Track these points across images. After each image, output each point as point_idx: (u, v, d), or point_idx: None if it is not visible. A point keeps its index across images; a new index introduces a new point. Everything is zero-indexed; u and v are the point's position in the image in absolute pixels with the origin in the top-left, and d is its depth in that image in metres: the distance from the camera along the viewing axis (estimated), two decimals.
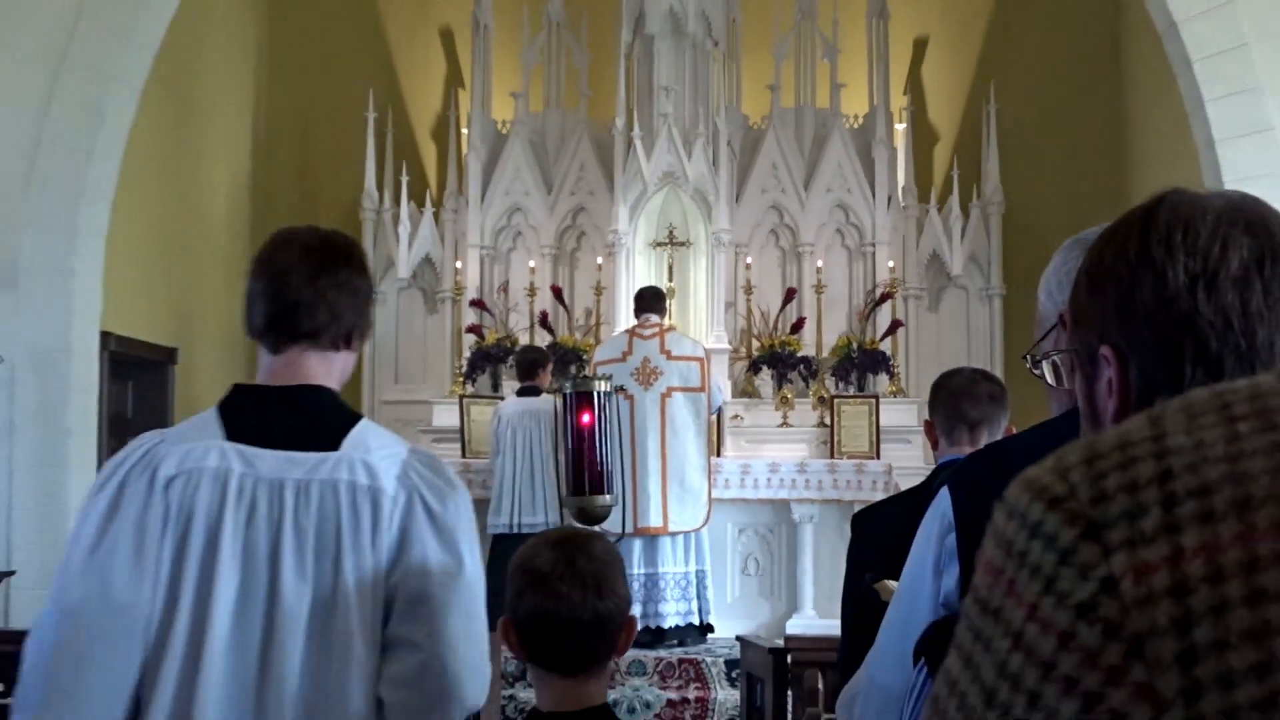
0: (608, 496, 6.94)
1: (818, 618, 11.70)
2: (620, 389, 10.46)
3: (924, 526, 2.57)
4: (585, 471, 7.04)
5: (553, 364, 12.57)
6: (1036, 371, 2.53)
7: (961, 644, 0.88)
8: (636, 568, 10.83)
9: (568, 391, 8.26)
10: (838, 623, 8.64)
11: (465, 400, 13.27)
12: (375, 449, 3.29)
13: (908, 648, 2.50)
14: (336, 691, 3.14)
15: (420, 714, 3.23)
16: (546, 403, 11.67)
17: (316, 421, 3.33)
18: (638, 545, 10.97)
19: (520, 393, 12.00)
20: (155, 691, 3.10)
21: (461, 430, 13.05)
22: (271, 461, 3.23)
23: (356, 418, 3.37)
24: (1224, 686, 0.74)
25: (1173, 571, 0.79)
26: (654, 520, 11.06)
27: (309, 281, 3.33)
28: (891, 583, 3.54)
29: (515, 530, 11.38)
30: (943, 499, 2.54)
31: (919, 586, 2.56)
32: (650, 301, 11.67)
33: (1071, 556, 0.83)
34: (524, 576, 3.37)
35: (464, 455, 12.80)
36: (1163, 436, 0.84)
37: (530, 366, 12.02)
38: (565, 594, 3.31)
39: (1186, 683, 0.76)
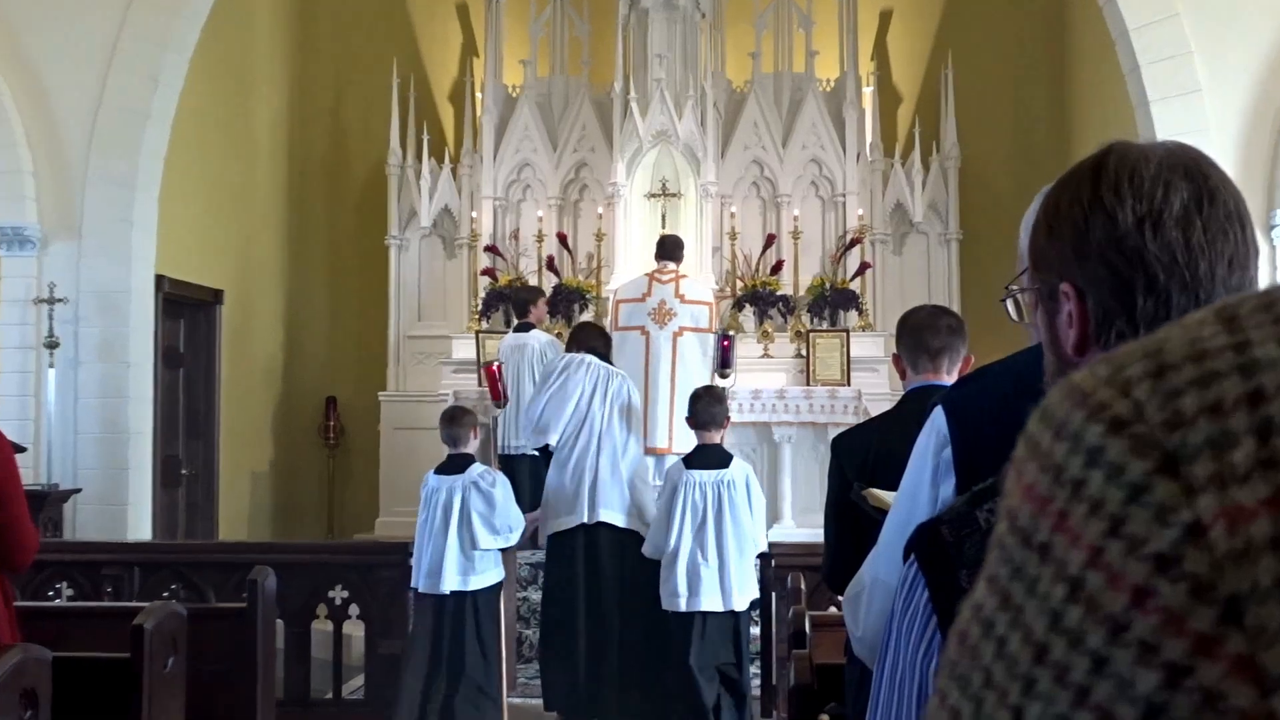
0: (728, 369, 11.09)
1: (796, 527, 11.74)
2: (641, 327, 11.59)
3: (921, 441, 2.56)
4: (725, 358, 11.14)
5: (544, 300, 12.56)
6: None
7: (996, 578, 0.72)
8: (653, 479, 10.88)
9: (720, 332, 11.58)
10: (814, 531, 8.68)
11: (480, 335, 13.25)
12: (618, 372, 9.29)
13: None
14: (622, 437, 9.03)
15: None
16: (534, 338, 11.63)
17: (606, 358, 9.34)
18: (651, 461, 11.03)
19: (516, 329, 11.97)
20: (580, 434, 8.97)
21: (478, 361, 13.02)
22: (602, 369, 9.12)
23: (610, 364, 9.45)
24: None
25: (1276, 518, 0.61)
26: (660, 441, 11.18)
27: (581, 334, 9.51)
28: (878, 491, 3.54)
29: (505, 452, 11.40)
30: (937, 417, 2.52)
31: (918, 494, 2.54)
32: (670, 250, 11.72)
33: (1144, 495, 0.65)
34: (693, 394, 8.57)
35: (480, 384, 12.76)
36: (1247, 346, 0.66)
37: (522, 305, 12.04)
38: (707, 404, 8.35)
39: None
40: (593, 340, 9.41)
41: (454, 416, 8.72)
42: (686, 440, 10.33)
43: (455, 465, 8.57)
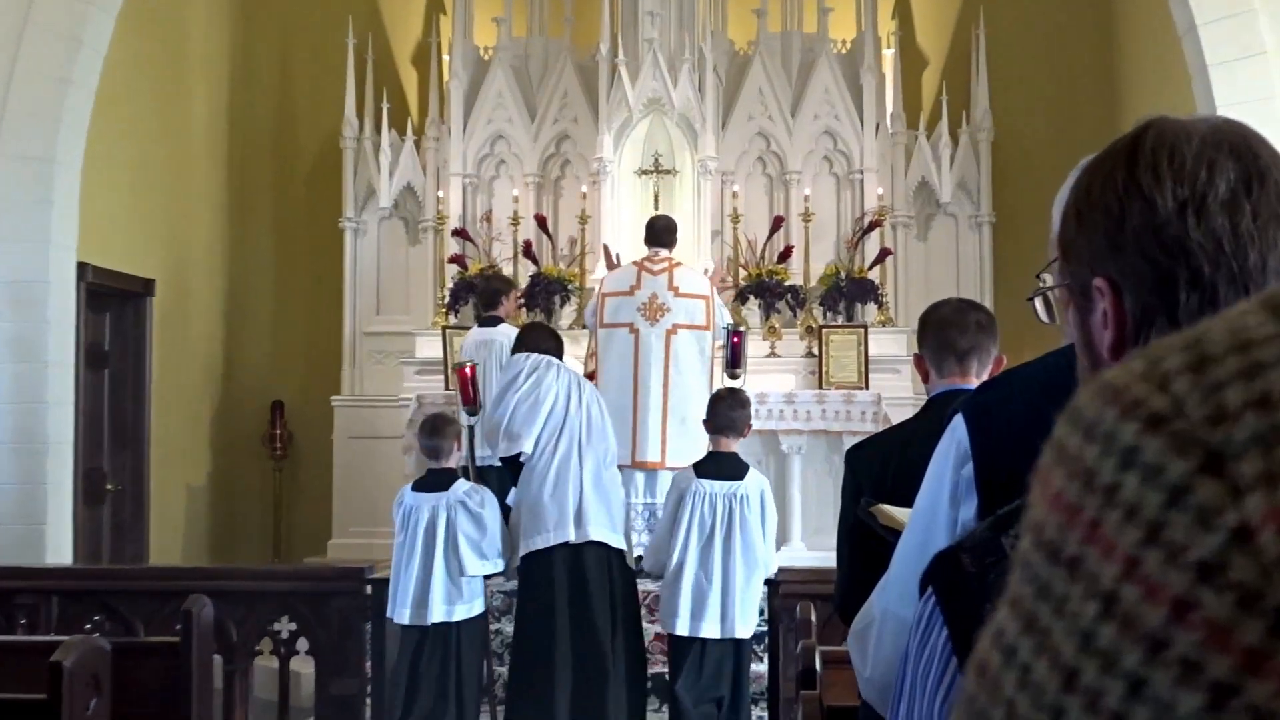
0: (739, 369, 11.05)
1: (806, 550, 11.74)
2: (630, 324, 11.50)
3: (938, 456, 2.54)
4: (735, 356, 11.14)
5: (516, 294, 12.48)
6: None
7: (1019, 599, 0.71)
8: (642, 497, 10.89)
9: (730, 326, 11.59)
10: (826, 555, 8.72)
11: (448, 331, 13.23)
12: (591, 385, 9.68)
13: None
14: (602, 447, 9.00)
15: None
16: (502, 333, 11.45)
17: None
18: (640, 476, 11.03)
19: (482, 323, 11.87)
20: (558, 443, 8.83)
21: (445, 361, 12.99)
22: (571, 373, 9.23)
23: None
24: None
25: None
26: (652, 455, 11.17)
27: (530, 336, 9.44)
28: (890, 508, 3.52)
29: (479, 463, 11.30)
30: (957, 428, 2.50)
31: (935, 516, 2.53)
32: (661, 235, 11.66)
33: (1185, 497, 0.64)
34: (715, 395, 9.07)
35: (448, 387, 12.72)
36: None
37: (492, 296, 11.86)
38: (729, 406, 8.65)
39: None
40: (544, 342, 9.37)
41: (435, 426, 8.93)
42: (681, 453, 10.36)
43: (437, 481, 8.82)
